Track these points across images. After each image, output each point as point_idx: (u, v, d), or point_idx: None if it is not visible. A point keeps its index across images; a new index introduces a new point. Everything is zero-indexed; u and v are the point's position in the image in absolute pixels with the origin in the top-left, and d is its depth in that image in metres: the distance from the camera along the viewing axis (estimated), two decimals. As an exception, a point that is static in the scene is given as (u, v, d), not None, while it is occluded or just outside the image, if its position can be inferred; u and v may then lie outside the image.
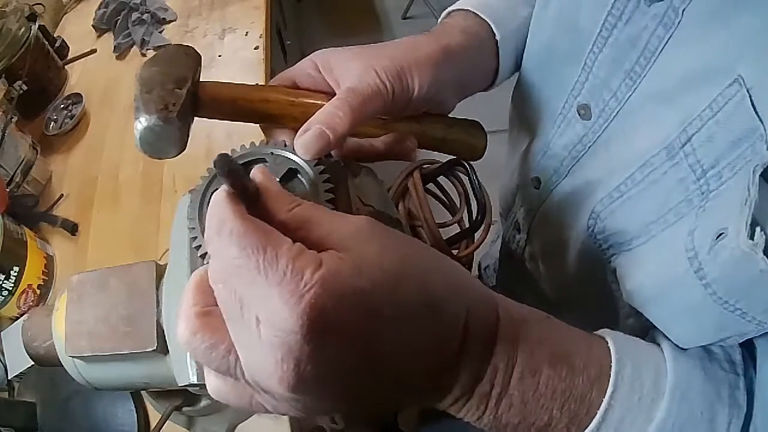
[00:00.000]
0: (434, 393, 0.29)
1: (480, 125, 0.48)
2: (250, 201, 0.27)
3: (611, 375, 0.30)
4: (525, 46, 0.49)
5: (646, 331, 0.36)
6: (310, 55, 0.43)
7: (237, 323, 0.25)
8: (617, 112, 0.37)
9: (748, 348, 0.32)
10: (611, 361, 0.30)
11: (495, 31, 0.47)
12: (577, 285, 0.48)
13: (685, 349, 0.32)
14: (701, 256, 0.28)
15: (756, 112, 0.27)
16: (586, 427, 0.29)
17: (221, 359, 0.26)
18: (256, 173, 0.28)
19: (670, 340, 0.33)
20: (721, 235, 0.27)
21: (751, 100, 0.27)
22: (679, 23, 0.31)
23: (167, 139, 0.36)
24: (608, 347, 0.31)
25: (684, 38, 0.31)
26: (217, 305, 0.26)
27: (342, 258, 0.25)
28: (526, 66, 0.49)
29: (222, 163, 0.25)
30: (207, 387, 0.29)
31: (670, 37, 0.32)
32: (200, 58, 0.41)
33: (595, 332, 0.33)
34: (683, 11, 0.31)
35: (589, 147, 0.41)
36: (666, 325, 0.34)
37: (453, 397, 0.29)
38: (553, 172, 0.46)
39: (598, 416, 0.29)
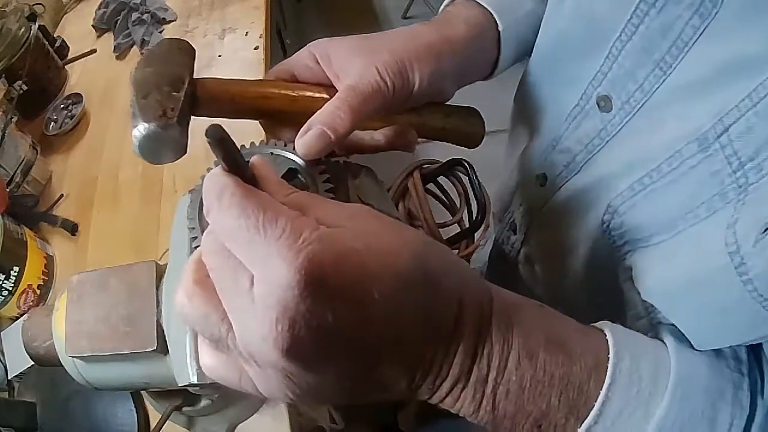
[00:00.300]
0: (430, 376, 0.29)
1: (478, 113, 0.48)
2: (247, 181, 0.27)
3: (609, 366, 0.29)
4: (526, 36, 0.48)
5: (657, 330, 0.35)
6: (308, 45, 0.42)
7: (230, 290, 0.25)
8: (642, 104, 0.36)
9: (753, 348, 0.32)
10: (609, 353, 0.30)
11: (498, 21, 0.46)
12: (580, 286, 0.47)
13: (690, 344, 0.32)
14: (744, 250, 0.27)
15: None
16: (584, 419, 0.29)
17: (214, 326, 0.26)
18: (256, 160, 0.29)
19: (674, 336, 0.32)
20: None
21: None
22: (716, 14, 0.30)
23: (167, 145, 0.36)
24: (606, 338, 0.31)
25: (720, 29, 0.30)
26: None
27: (338, 228, 0.26)
28: (533, 62, 0.48)
29: (214, 132, 0.25)
30: (201, 363, 0.29)
31: (706, 27, 0.30)
32: (194, 51, 0.41)
33: (593, 324, 0.33)
34: (722, 1, 0.29)
35: (608, 141, 0.40)
36: (690, 325, 0.33)
37: (449, 383, 0.29)
38: (564, 167, 0.45)
39: (596, 408, 0.29)
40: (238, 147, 0.36)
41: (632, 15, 0.34)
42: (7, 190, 0.82)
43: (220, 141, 0.25)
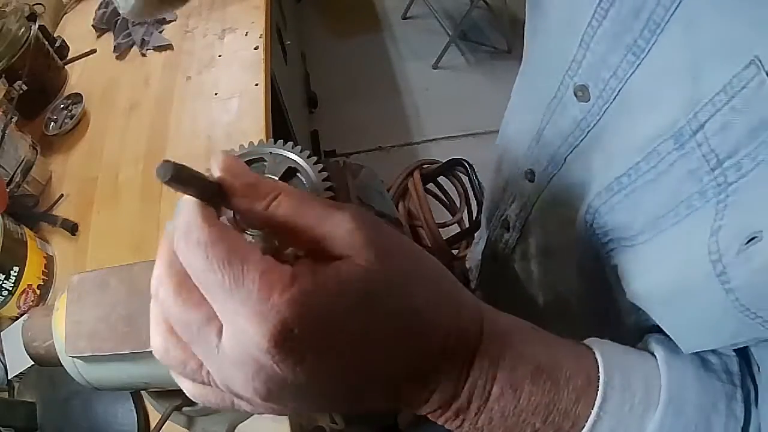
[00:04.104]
0: (411, 405, 0.29)
1: None
2: (218, 202, 0.26)
3: (599, 385, 0.29)
4: None
5: (648, 329, 0.35)
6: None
7: (199, 342, 0.25)
8: (618, 92, 0.34)
9: (744, 357, 0.31)
10: (599, 372, 0.30)
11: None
12: (574, 284, 0.46)
13: (681, 356, 0.31)
14: (726, 260, 0.26)
15: None
16: None
17: (194, 373, 0.26)
18: (216, 166, 0.26)
19: (663, 346, 0.32)
20: (753, 239, 0.25)
21: None
22: None
23: None
24: (595, 358, 0.31)
25: (693, 10, 0.28)
26: None
27: (316, 272, 0.24)
28: (525, 54, 0.47)
29: (163, 171, 0.22)
30: (189, 395, 0.29)
31: (678, 6, 0.29)
32: None
33: (582, 342, 0.33)
34: None
35: (588, 132, 0.38)
36: (674, 328, 0.32)
37: (429, 408, 0.29)
38: (548, 162, 0.43)
39: (587, 427, 0.29)
40: (237, 147, 0.36)
41: None
42: (7, 190, 0.82)
43: (174, 180, 0.23)
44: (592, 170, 0.38)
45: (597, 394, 0.29)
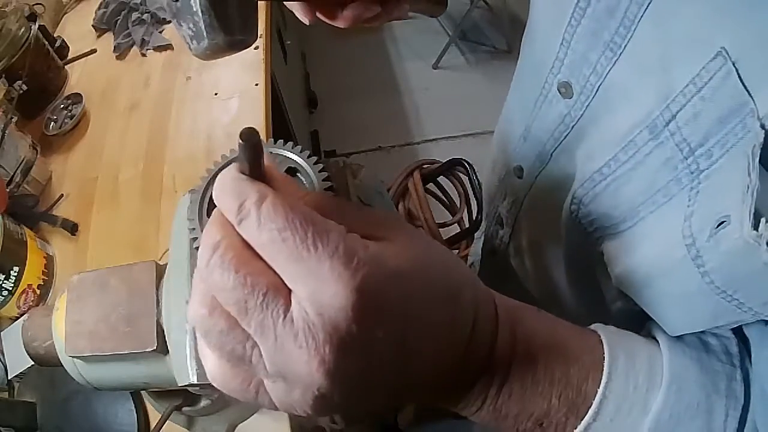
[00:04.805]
0: (443, 383, 0.29)
1: None
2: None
3: (605, 366, 0.30)
4: None
5: (634, 315, 0.36)
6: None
7: (259, 308, 0.23)
8: (598, 87, 0.36)
9: (743, 339, 0.32)
10: (604, 353, 0.31)
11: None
12: (565, 276, 0.47)
13: (682, 340, 0.32)
14: (699, 244, 0.27)
15: (744, 87, 0.26)
16: (583, 417, 0.30)
17: (237, 343, 0.23)
18: (267, 161, 0.26)
19: (665, 331, 0.33)
20: (722, 223, 0.26)
21: (738, 74, 0.26)
22: None
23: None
24: (600, 339, 0.32)
25: (663, 4, 0.30)
26: None
27: (380, 244, 0.25)
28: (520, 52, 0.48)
29: (250, 135, 0.23)
30: (206, 372, 0.26)
31: (650, 3, 0.30)
32: None
33: (586, 327, 0.34)
34: None
35: (572, 127, 0.39)
36: (657, 311, 0.33)
37: (458, 388, 0.30)
38: (536, 158, 0.45)
39: (593, 406, 0.29)
40: (237, 147, 0.36)
41: None
42: (7, 190, 0.82)
43: (254, 146, 0.23)
44: (576, 163, 0.40)
45: (603, 374, 0.30)
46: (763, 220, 0.24)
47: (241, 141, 0.23)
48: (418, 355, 0.26)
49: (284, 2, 0.44)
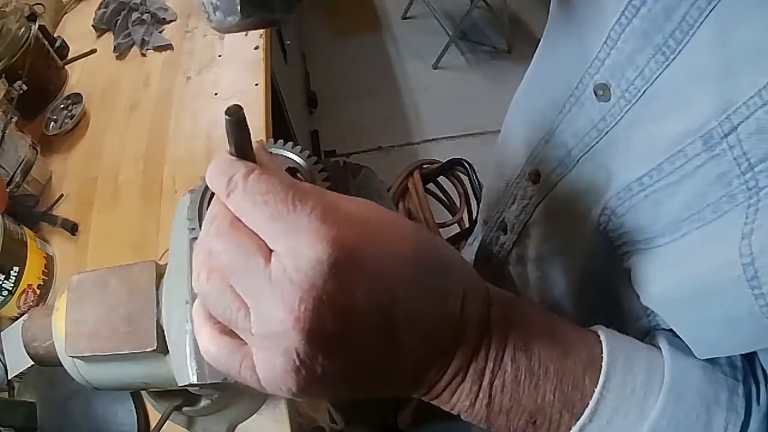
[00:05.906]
0: (435, 366, 0.29)
1: None
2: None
3: (603, 364, 0.29)
4: None
5: (646, 333, 0.35)
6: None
7: (243, 268, 0.24)
8: (643, 92, 0.33)
9: (746, 355, 0.31)
10: (602, 351, 0.30)
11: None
12: (573, 288, 0.46)
13: (685, 347, 0.31)
14: (759, 263, 0.26)
15: None
16: (579, 416, 0.29)
17: (228, 305, 0.25)
18: (257, 149, 0.28)
19: (668, 338, 0.32)
20: None
21: None
22: None
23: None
24: (598, 338, 0.31)
25: (728, 13, 0.28)
26: None
27: (366, 211, 0.26)
28: (538, 51, 0.47)
29: (234, 110, 0.25)
30: (201, 349, 0.28)
31: (713, 9, 0.28)
32: None
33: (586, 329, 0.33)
34: None
35: (606, 133, 0.37)
36: (692, 332, 0.32)
37: (450, 374, 0.29)
38: (558, 163, 0.42)
39: (591, 405, 0.29)
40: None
41: None
42: (7, 190, 0.82)
43: (237, 122, 0.25)
44: (610, 171, 0.37)
45: (601, 372, 0.29)
46: None
47: (226, 117, 0.25)
48: (407, 328, 0.26)
49: None
